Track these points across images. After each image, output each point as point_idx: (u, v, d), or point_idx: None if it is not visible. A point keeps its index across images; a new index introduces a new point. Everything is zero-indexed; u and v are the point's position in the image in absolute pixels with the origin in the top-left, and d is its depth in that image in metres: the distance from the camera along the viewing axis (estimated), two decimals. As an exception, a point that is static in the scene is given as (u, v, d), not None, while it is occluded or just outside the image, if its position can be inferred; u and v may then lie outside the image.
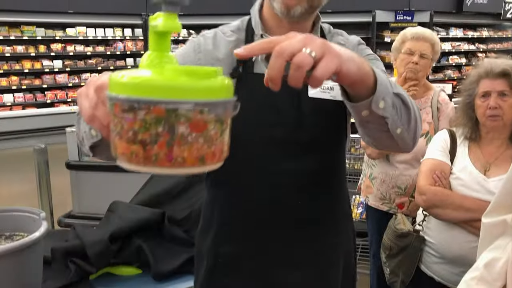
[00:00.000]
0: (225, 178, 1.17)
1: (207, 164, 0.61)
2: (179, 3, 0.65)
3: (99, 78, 0.71)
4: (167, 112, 0.56)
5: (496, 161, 1.78)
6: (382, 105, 0.83)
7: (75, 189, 3.84)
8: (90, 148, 0.93)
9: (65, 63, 8.35)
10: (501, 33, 10.00)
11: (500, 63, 1.75)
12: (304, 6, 1.07)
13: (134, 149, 0.58)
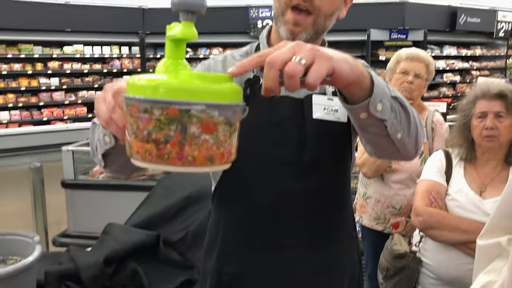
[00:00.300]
0: (229, 198, 1.20)
1: (216, 164, 0.65)
2: (196, 12, 0.70)
3: (116, 83, 0.76)
4: (180, 112, 0.61)
5: (492, 182, 1.79)
6: (380, 107, 0.84)
7: (71, 208, 3.82)
8: (103, 156, 0.96)
9: (62, 80, 8.36)
10: (494, 51, 10.10)
11: (496, 84, 1.78)
12: (309, 33, 1.11)
13: (148, 147, 0.63)
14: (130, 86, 0.66)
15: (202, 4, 0.70)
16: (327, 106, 1.16)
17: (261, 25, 8.36)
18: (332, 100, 1.16)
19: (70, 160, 3.86)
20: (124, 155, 0.95)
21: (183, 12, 0.70)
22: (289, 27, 1.10)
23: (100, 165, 1.01)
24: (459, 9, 8.83)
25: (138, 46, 8.88)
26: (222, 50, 8.78)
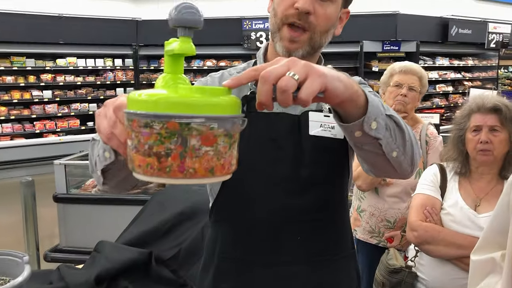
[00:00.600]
0: (227, 215, 1.19)
1: (217, 175, 0.66)
2: (193, 28, 0.71)
3: (117, 99, 0.76)
4: (180, 126, 0.62)
5: (486, 196, 1.78)
6: (375, 126, 0.84)
7: (62, 223, 3.77)
8: (102, 172, 0.95)
9: (55, 93, 8.34)
10: (486, 62, 10.21)
11: (491, 98, 1.78)
12: (305, 49, 1.12)
13: (150, 161, 0.64)
14: (131, 101, 0.67)
15: (199, 20, 0.72)
16: (323, 123, 1.16)
17: (254, 37, 8.39)
18: (329, 116, 1.16)
19: (63, 174, 3.81)
20: (124, 171, 0.95)
21: (180, 28, 0.71)
22: (285, 44, 1.12)
23: (99, 182, 1.00)
24: (451, 20, 8.93)
25: (131, 58, 8.89)
26: (216, 62, 8.81)
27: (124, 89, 8.89)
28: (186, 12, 0.70)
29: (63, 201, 3.74)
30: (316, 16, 1.10)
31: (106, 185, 1.01)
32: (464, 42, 9.37)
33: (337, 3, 1.14)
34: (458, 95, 9.74)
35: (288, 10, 1.10)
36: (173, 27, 0.72)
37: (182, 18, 0.70)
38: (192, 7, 0.71)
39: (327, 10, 1.11)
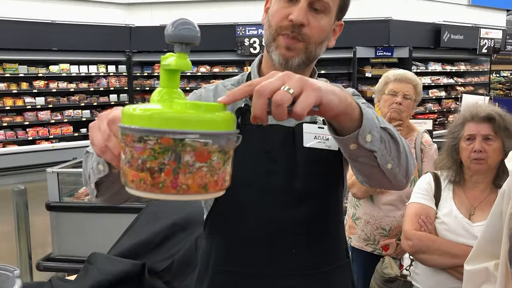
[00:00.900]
0: (221, 227, 1.19)
1: (210, 192, 0.65)
2: (190, 44, 0.71)
3: (111, 112, 0.76)
4: (174, 141, 0.61)
5: (480, 205, 1.78)
6: (369, 139, 0.84)
7: (55, 231, 3.74)
8: (96, 185, 0.95)
9: (48, 99, 8.29)
10: (478, 67, 10.28)
11: (485, 107, 1.79)
12: (301, 58, 1.12)
13: (143, 176, 0.63)
14: (125, 115, 0.66)
15: (196, 36, 0.72)
16: (317, 135, 1.16)
17: (248, 43, 8.40)
18: (323, 128, 1.16)
19: (55, 182, 3.78)
20: (117, 184, 0.94)
21: (177, 44, 0.71)
22: (281, 51, 1.12)
23: (93, 195, 1.00)
24: (443, 26, 8.99)
25: (125, 65, 8.87)
26: (210, 68, 8.81)
27: (117, 95, 8.86)
28: (183, 28, 0.70)
29: (56, 209, 3.71)
30: (310, 28, 1.10)
31: (100, 198, 1.01)
32: (456, 48, 9.44)
33: (331, 15, 1.14)
34: (451, 100, 9.79)
35: (282, 22, 1.10)
36: (169, 42, 0.72)
37: (179, 34, 0.70)
38: (189, 23, 0.71)
39: (321, 22, 1.11)
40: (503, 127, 1.73)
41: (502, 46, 10.07)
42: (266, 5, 1.21)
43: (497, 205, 1.37)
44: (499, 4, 10.36)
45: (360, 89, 8.70)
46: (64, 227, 3.73)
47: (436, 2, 9.17)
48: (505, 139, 1.73)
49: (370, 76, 8.51)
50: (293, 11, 1.09)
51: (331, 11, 1.13)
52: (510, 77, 13.27)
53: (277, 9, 1.12)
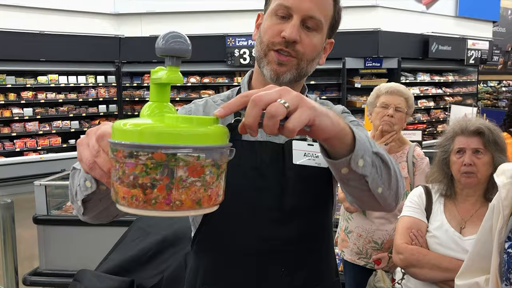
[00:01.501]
0: (209, 245, 1.17)
1: (204, 207, 0.64)
2: (181, 57, 0.71)
3: (99, 128, 0.75)
4: (167, 156, 0.60)
5: (471, 218, 1.79)
6: (362, 163, 0.84)
7: (42, 245, 3.68)
8: (83, 202, 0.93)
9: (36, 110, 8.22)
10: (466, 77, 10.41)
11: (474, 121, 1.80)
12: (293, 73, 1.12)
13: (135, 193, 0.61)
14: (115, 130, 0.65)
15: (187, 50, 0.71)
16: (307, 152, 1.15)
17: (238, 54, 8.43)
18: (313, 145, 1.16)
19: (43, 195, 3.73)
20: (105, 201, 0.93)
21: (168, 58, 0.70)
22: (273, 67, 1.12)
23: (79, 213, 0.98)
24: (431, 37, 9.10)
25: (114, 75, 8.83)
26: (200, 79, 8.80)
27: (106, 106, 8.82)
28: (173, 42, 0.69)
29: (44, 222, 3.66)
30: (303, 45, 1.10)
31: (87, 216, 0.98)
32: (444, 58, 9.55)
33: (323, 33, 1.14)
34: (440, 110, 9.89)
35: (274, 38, 1.11)
36: (160, 56, 0.71)
37: (170, 48, 0.69)
38: (180, 36, 0.70)
39: (313, 39, 1.12)
40: (492, 141, 1.74)
41: (489, 57, 10.22)
42: (257, 21, 1.21)
43: (487, 220, 1.37)
44: (485, 16, 10.53)
45: (350, 100, 8.76)
46: (52, 240, 3.68)
47: (424, 14, 9.30)
48: (495, 152, 1.74)
49: (360, 87, 8.57)
50: (285, 27, 1.09)
51: (323, 29, 1.14)
52: (497, 87, 13.45)
53: (269, 25, 1.12)
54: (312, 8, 1.09)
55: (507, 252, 1.26)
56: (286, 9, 1.09)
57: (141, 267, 1.74)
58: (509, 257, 1.24)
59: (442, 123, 9.74)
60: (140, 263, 1.75)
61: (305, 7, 1.08)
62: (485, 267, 1.36)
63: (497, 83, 13.70)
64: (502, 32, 13.28)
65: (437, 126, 9.73)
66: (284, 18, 1.10)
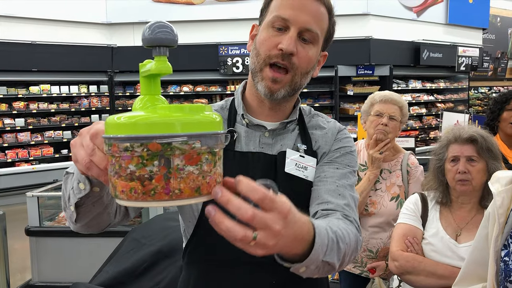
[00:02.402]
0: (200, 256, 1.16)
1: (203, 194, 0.64)
2: (168, 46, 0.70)
3: (92, 127, 0.74)
4: (162, 146, 0.60)
5: (467, 225, 1.79)
6: (303, 270, 0.82)
7: (35, 256, 3.65)
8: (76, 207, 0.91)
9: (28, 121, 8.16)
10: (457, 84, 10.49)
11: (468, 129, 1.81)
12: (287, 90, 1.12)
13: (133, 185, 0.61)
14: (109, 125, 0.65)
15: (174, 39, 0.70)
16: (298, 162, 1.16)
17: (230, 62, 8.44)
18: (304, 157, 1.17)
19: (35, 206, 3.70)
20: (98, 206, 0.92)
21: (155, 48, 0.70)
22: (267, 84, 1.11)
23: (72, 220, 0.96)
24: (422, 44, 9.17)
25: (107, 85, 8.80)
26: (193, 87, 8.80)
27: (99, 115, 8.77)
28: (160, 31, 0.69)
29: (36, 234, 3.62)
30: (299, 58, 1.10)
31: (79, 223, 0.97)
32: (435, 66, 9.62)
33: (318, 46, 1.15)
34: (432, 117, 9.94)
35: (271, 51, 1.10)
36: (147, 47, 0.70)
37: (156, 38, 0.69)
38: (166, 26, 0.70)
39: (309, 52, 1.12)
40: (485, 148, 1.75)
41: (479, 64, 10.31)
42: (252, 32, 1.21)
43: (483, 228, 1.37)
44: (475, 23, 10.63)
45: (342, 107, 8.78)
46: (44, 252, 3.64)
47: (414, 22, 9.37)
48: (489, 160, 1.75)
49: (352, 94, 8.60)
50: (282, 40, 1.09)
51: (319, 42, 1.14)
52: (488, 93, 13.56)
53: (266, 37, 1.12)
54: (309, 20, 1.09)
55: (503, 260, 1.26)
56: (284, 21, 1.09)
57: (136, 279, 1.72)
58: (506, 265, 1.24)
59: (434, 129, 9.79)
60: (135, 275, 1.74)
61: (303, 19, 1.09)
62: (482, 275, 1.36)
63: (488, 89, 13.81)
64: (492, 39, 13.42)
65: (430, 133, 9.79)
66: (281, 30, 1.10)
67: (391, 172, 2.34)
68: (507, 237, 1.28)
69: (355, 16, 8.46)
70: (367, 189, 2.25)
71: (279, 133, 1.20)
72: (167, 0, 8.66)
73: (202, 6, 8.66)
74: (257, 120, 1.20)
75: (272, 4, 1.14)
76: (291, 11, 1.09)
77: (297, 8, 1.09)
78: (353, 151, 1.24)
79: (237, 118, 1.21)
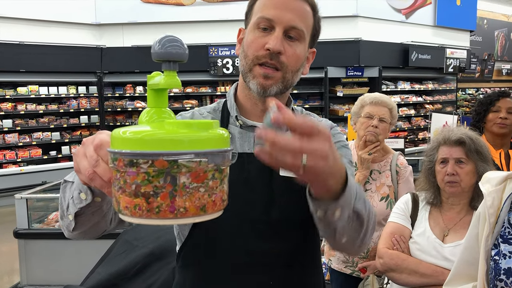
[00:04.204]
0: (196, 259, 1.15)
1: (209, 213, 0.63)
2: (178, 61, 0.69)
3: (96, 137, 0.73)
4: (169, 163, 0.59)
5: (455, 226, 1.81)
6: (338, 215, 0.84)
7: (23, 259, 3.61)
8: (75, 216, 0.90)
9: (16, 122, 8.08)
10: (445, 85, 10.58)
11: (456, 131, 1.83)
12: (279, 86, 1.13)
13: (137, 202, 0.60)
14: (115, 139, 0.64)
15: (184, 53, 0.70)
16: None
17: (220, 64, 8.44)
18: None
19: (24, 209, 3.66)
20: (97, 215, 0.91)
21: (165, 62, 0.69)
22: (259, 80, 1.11)
23: (69, 229, 0.94)
24: (411, 46, 9.24)
25: (96, 86, 8.74)
26: (183, 88, 8.77)
27: (88, 116, 8.71)
28: (170, 46, 0.68)
29: (25, 236, 3.59)
30: (287, 56, 1.11)
31: (76, 232, 0.95)
32: (424, 67, 9.70)
33: (305, 43, 1.16)
34: (420, 118, 10.02)
35: (259, 52, 1.11)
36: (156, 61, 0.69)
37: (167, 52, 0.68)
38: (176, 40, 0.69)
39: (297, 50, 1.13)
40: (474, 150, 1.77)
41: (467, 65, 10.41)
42: (239, 36, 1.22)
43: (473, 228, 1.39)
44: (462, 26, 10.75)
45: (332, 108, 8.82)
46: (33, 254, 3.61)
47: (403, 24, 9.45)
48: (477, 161, 1.77)
49: (342, 96, 8.64)
50: (269, 40, 1.10)
51: (305, 39, 1.15)
52: (475, 94, 13.71)
53: (252, 39, 1.13)
54: (294, 18, 1.10)
55: (493, 259, 1.28)
56: (268, 21, 1.10)
57: (129, 281, 1.72)
58: (496, 264, 1.26)
59: (423, 130, 9.87)
60: (127, 277, 1.73)
61: (287, 18, 1.10)
62: (472, 274, 1.38)
63: (475, 90, 13.97)
64: (479, 41, 13.58)
65: (418, 134, 9.87)
66: (267, 30, 1.11)
67: (380, 172, 2.36)
68: (497, 237, 1.30)
69: (344, 18, 8.50)
70: (357, 189, 2.27)
71: None
72: (156, 1, 8.63)
73: (192, 7, 8.64)
74: (251, 121, 1.20)
75: (256, 6, 1.15)
76: (274, 10, 1.10)
77: (280, 7, 1.10)
78: (346, 145, 1.26)
79: (230, 119, 1.22)
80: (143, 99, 8.84)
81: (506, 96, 2.70)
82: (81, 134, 8.63)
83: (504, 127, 2.61)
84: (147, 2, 8.63)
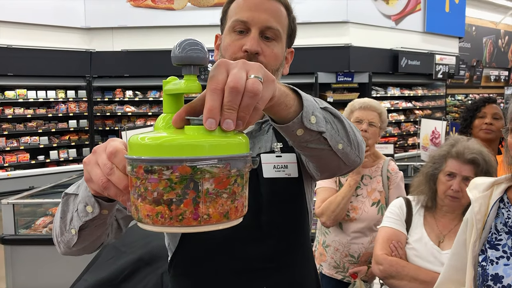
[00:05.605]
0: (187, 268, 1.14)
1: (231, 219, 0.62)
2: (199, 65, 0.67)
3: (108, 144, 0.70)
4: (192, 169, 0.57)
5: (449, 233, 1.81)
6: (314, 120, 0.82)
7: (10, 265, 3.56)
8: (79, 230, 0.87)
9: (3, 126, 7.98)
10: (434, 91, 10.67)
11: (472, 148, 1.77)
12: None
13: (160, 210, 0.58)
14: (133, 145, 0.62)
15: (205, 57, 0.67)
16: (276, 164, 1.15)
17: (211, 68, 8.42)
18: (281, 157, 1.16)
19: (11, 214, 3.61)
20: (100, 228, 0.89)
21: (185, 66, 0.67)
22: None
23: (69, 244, 0.91)
24: (400, 52, 9.31)
25: (85, 90, 8.68)
26: (172, 93, 8.73)
27: (77, 121, 8.63)
28: (191, 49, 0.66)
29: (11, 242, 3.54)
30: (265, 56, 1.11)
31: (75, 248, 0.92)
32: (413, 73, 9.78)
33: (282, 42, 1.16)
34: (410, 124, 10.08)
35: (237, 54, 1.10)
36: (176, 65, 0.67)
37: (187, 56, 0.66)
38: (197, 44, 0.67)
39: (274, 49, 1.13)
40: (484, 171, 1.74)
41: (456, 71, 10.52)
42: (216, 43, 1.22)
43: (461, 234, 1.39)
44: (451, 32, 10.86)
45: (323, 114, 8.83)
46: (20, 261, 3.56)
47: (393, 30, 9.52)
48: None
49: (332, 101, 8.67)
50: (246, 41, 1.10)
51: (282, 38, 1.15)
52: (464, 100, 13.85)
53: (229, 42, 1.13)
54: (268, 19, 1.11)
55: (481, 265, 1.28)
56: (243, 24, 1.11)
57: None
58: (483, 270, 1.26)
59: (412, 136, 9.93)
60: (115, 284, 1.70)
61: (262, 18, 1.10)
62: (460, 280, 1.38)
63: (464, 96, 14.11)
64: (467, 47, 13.73)
65: (408, 139, 9.92)
66: (243, 32, 1.11)
67: (371, 178, 2.36)
68: (484, 243, 1.30)
69: (334, 24, 8.54)
70: (348, 195, 2.27)
71: (255, 135, 1.21)
72: (146, 5, 8.60)
73: (182, 12, 8.63)
74: None
75: (230, 11, 1.16)
76: (249, 12, 1.10)
77: (254, 8, 1.10)
78: None
79: None
80: (132, 104, 8.80)
81: (492, 102, 2.72)
82: (69, 139, 8.55)
83: (489, 133, 2.63)
84: (137, 7, 8.60)
